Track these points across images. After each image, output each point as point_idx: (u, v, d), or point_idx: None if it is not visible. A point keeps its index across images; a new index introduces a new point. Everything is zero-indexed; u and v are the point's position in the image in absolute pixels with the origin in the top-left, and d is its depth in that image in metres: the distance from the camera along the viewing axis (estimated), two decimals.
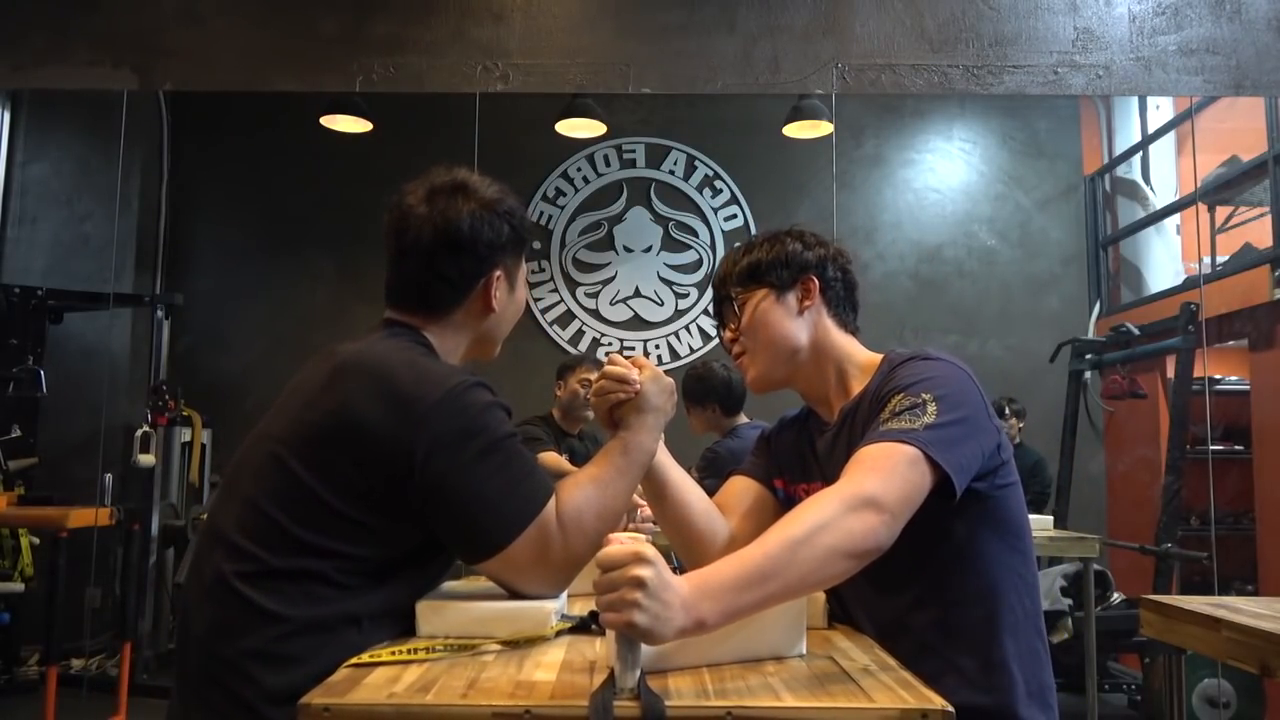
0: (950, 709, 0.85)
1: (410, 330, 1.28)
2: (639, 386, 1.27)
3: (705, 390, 3.35)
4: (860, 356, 1.39)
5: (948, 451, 1.13)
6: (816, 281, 1.38)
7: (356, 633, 1.09)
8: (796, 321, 1.37)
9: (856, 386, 1.36)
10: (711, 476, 3.06)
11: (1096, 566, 3.51)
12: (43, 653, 3.95)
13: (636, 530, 1.60)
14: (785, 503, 1.43)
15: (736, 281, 1.40)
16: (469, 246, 1.27)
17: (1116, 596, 4.08)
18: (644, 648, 0.90)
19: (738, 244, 1.46)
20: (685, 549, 1.41)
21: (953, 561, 1.26)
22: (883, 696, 0.89)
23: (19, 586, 4.22)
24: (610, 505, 1.20)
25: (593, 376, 1.83)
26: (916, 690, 0.91)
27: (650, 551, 0.90)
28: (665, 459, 1.36)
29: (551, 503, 1.16)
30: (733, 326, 1.42)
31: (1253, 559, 4.15)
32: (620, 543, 0.91)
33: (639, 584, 0.87)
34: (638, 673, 0.88)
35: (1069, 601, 3.97)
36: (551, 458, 3.38)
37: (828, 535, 1.01)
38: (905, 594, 1.27)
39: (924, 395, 1.19)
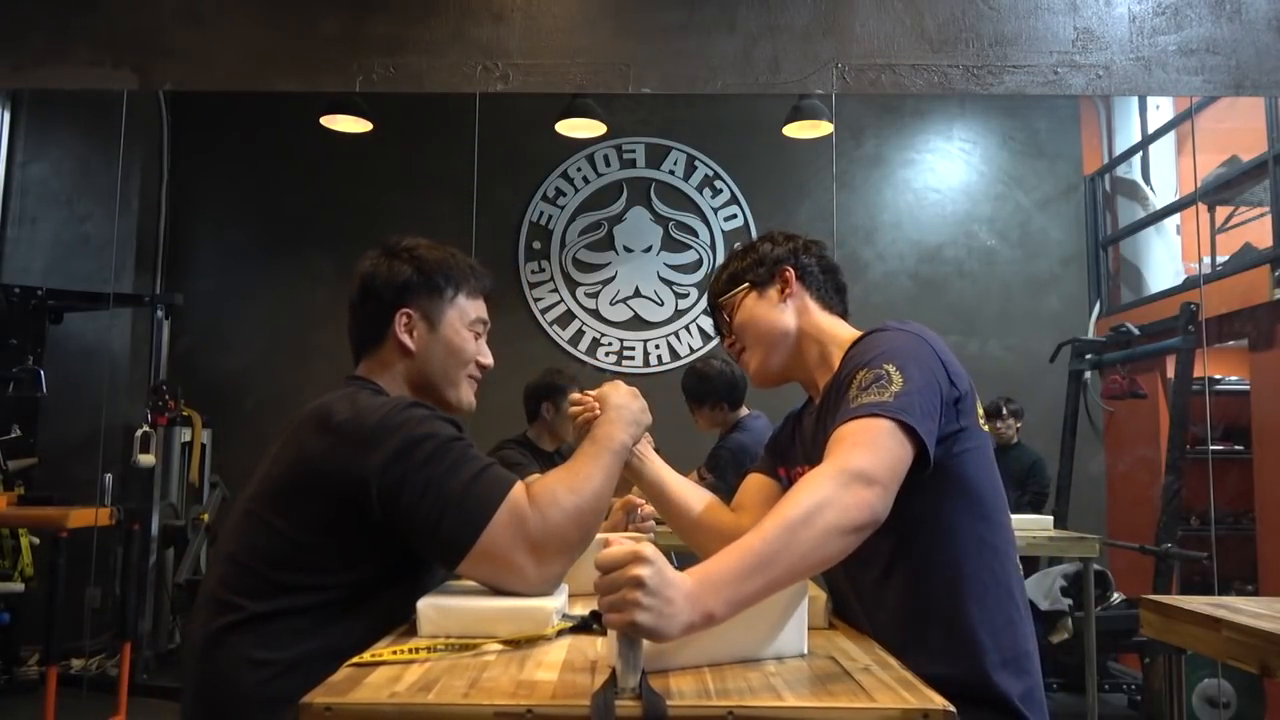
0: (951, 709, 0.85)
1: (359, 380, 1.41)
2: (595, 404, 1.39)
3: (708, 388, 3.35)
4: (844, 335, 1.44)
5: (920, 419, 1.16)
6: (792, 270, 1.47)
7: (339, 666, 1.08)
8: (780, 309, 1.46)
9: (838, 364, 1.40)
10: (720, 475, 3.05)
11: (1096, 566, 3.51)
12: (43, 653, 3.94)
13: (637, 530, 1.61)
14: (788, 487, 1.45)
15: (721, 291, 1.52)
16: (370, 288, 1.42)
17: (1116, 596, 4.08)
18: (645, 646, 0.90)
19: (722, 260, 1.55)
20: (696, 545, 1.49)
21: (913, 530, 1.26)
22: (884, 696, 0.89)
23: (19, 586, 4.22)
24: (582, 484, 1.24)
25: None
26: (918, 690, 0.91)
27: (650, 550, 0.90)
28: (657, 466, 1.48)
29: (519, 489, 1.20)
30: (726, 332, 1.52)
31: (1253, 559, 4.15)
32: (620, 543, 0.91)
33: (639, 583, 0.88)
34: (639, 672, 0.88)
35: (1069, 601, 3.98)
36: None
37: (824, 514, 1.02)
38: (875, 565, 1.29)
39: (886, 366, 1.21)
